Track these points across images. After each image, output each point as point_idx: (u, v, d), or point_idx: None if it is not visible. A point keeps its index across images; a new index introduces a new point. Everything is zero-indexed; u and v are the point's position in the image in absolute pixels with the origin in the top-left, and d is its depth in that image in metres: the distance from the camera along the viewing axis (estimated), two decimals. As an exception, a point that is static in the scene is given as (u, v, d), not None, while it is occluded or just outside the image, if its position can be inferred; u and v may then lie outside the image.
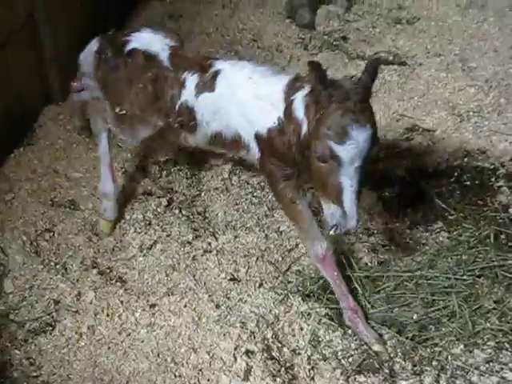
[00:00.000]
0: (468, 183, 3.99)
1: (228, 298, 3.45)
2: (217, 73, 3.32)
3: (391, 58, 5.22)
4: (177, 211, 3.95)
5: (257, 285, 3.49)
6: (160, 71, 3.43)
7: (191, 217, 3.92)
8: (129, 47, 3.53)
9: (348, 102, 2.75)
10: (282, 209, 3.51)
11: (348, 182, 2.78)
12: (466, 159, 4.16)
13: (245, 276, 3.55)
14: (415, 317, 3.25)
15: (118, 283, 3.57)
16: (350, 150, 2.73)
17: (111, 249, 3.79)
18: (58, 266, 3.68)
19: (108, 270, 3.67)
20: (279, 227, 3.82)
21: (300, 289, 3.43)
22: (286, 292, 3.42)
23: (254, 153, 3.29)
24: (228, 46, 5.45)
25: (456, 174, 4.06)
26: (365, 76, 2.86)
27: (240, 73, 3.29)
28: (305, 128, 2.97)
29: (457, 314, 3.22)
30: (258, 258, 3.62)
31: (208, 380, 3.10)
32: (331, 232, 2.94)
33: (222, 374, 3.09)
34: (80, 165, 4.37)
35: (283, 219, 3.82)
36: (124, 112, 3.57)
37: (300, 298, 3.38)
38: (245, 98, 3.22)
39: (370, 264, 3.56)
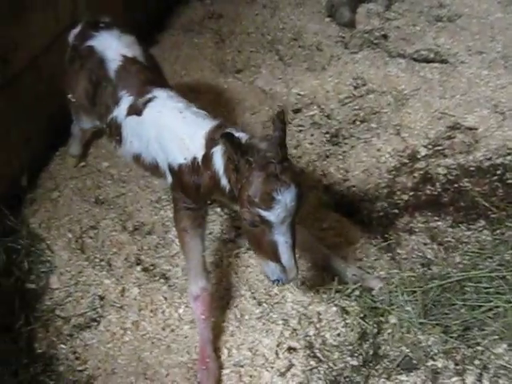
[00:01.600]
0: (511, 181, 3.95)
1: (270, 296, 3.47)
2: (150, 100, 3.39)
3: (432, 55, 5.20)
4: (219, 209, 3.97)
5: (299, 283, 3.49)
6: (103, 79, 3.59)
7: (233, 215, 3.93)
8: (88, 43, 3.74)
9: (268, 166, 2.73)
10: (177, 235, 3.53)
11: (282, 239, 2.81)
12: (508, 157, 4.12)
13: (287, 273, 3.56)
14: (460, 318, 3.21)
15: (162, 280, 3.60)
16: (279, 213, 2.74)
17: (155, 246, 3.83)
18: (102, 263, 3.74)
19: (152, 267, 3.71)
20: (321, 225, 3.80)
21: (341, 287, 3.43)
22: (328, 290, 3.43)
23: (169, 179, 3.34)
24: (269, 45, 5.47)
25: (499, 172, 4.03)
26: (276, 133, 2.81)
27: (172, 103, 3.33)
28: (224, 182, 2.98)
29: (500, 314, 3.18)
30: (299, 257, 3.61)
31: (250, 376, 3.13)
32: (274, 285, 3.15)
33: (264, 370, 3.13)
34: (123, 164, 4.41)
35: (326, 217, 3.83)
36: (73, 100, 3.87)
37: (341, 297, 3.39)
38: (167, 128, 3.25)
39: (412, 264, 3.55)
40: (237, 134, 2.85)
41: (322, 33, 5.59)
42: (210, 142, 3.05)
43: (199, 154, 3.10)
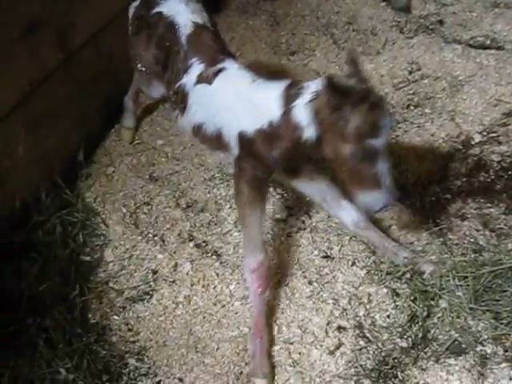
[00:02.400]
0: None
1: (321, 275, 3.49)
2: (222, 69, 3.38)
3: (488, 42, 5.13)
4: (271, 189, 3.99)
5: (349, 263, 3.51)
6: (175, 45, 3.56)
7: (285, 195, 3.97)
8: (156, 10, 3.71)
9: (368, 97, 2.86)
10: (236, 207, 3.52)
11: (384, 165, 2.95)
12: None
13: (338, 254, 3.58)
14: (510, 305, 3.17)
15: (214, 256, 3.65)
16: (385, 139, 2.91)
17: (207, 223, 3.88)
18: (156, 238, 3.80)
19: (204, 244, 3.76)
20: (374, 207, 3.80)
21: (392, 269, 3.44)
22: (379, 271, 3.44)
23: (233, 151, 3.33)
24: (323, 28, 5.45)
25: (553, 160, 3.98)
26: (354, 71, 2.95)
27: (244, 74, 3.33)
28: (310, 133, 3.00)
29: (552, 302, 3.17)
30: (351, 238, 3.64)
31: (299, 353, 3.16)
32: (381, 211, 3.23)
33: (313, 348, 3.16)
34: (177, 142, 4.50)
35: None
36: (143, 69, 3.86)
37: (392, 279, 3.39)
38: (240, 97, 3.25)
39: (464, 250, 3.52)
40: (317, 80, 2.99)
41: (377, 17, 5.53)
42: (287, 99, 3.06)
43: (275, 116, 3.09)
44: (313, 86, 2.98)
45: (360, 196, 3.05)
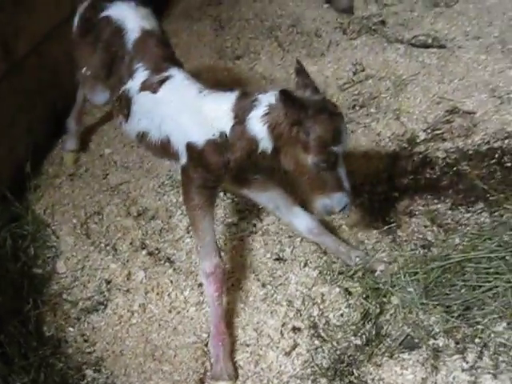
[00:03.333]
0: (509, 165, 3.96)
1: (274, 278, 3.53)
2: (167, 78, 3.38)
3: (430, 41, 5.22)
4: (221, 194, 4.00)
5: (302, 264, 3.55)
6: (121, 50, 3.55)
7: (236, 199, 3.99)
8: (104, 13, 3.68)
9: (326, 106, 3.01)
10: (187, 213, 3.51)
11: (342, 169, 3.10)
12: (506, 141, 4.13)
13: (290, 256, 3.62)
14: (460, 298, 3.23)
15: (167, 263, 3.67)
16: (345, 143, 3.06)
17: (159, 230, 3.88)
18: (108, 248, 3.80)
19: (156, 251, 3.77)
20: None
21: (344, 269, 3.48)
22: (331, 271, 3.48)
23: (181, 160, 3.31)
24: (267, 31, 5.50)
25: (497, 155, 4.04)
26: (305, 81, 3.08)
27: (191, 84, 3.34)
28: (266, 146, 3.08)
29: (500, 293, 3.23)
30: (302, 239, 3.68)
31: (256, 356, 3.19)
32: (342, 213, 3.35)
33: (269, 350, 3.19)
34: (125, 150, 4.49)
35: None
36: (88, 73, 3.80)
37: (344, 278, 3.44)
38: (187, 108, 3.26)
39: (413, 246, 3.58)
40: (269, 93, 3.06)
41: (321, 19, 5.60)
42: (240, 111, 3.10)
43: (227, 127, 3.13)
44: (265, 99, 3.04)
45: (321, 200, 3.15)
